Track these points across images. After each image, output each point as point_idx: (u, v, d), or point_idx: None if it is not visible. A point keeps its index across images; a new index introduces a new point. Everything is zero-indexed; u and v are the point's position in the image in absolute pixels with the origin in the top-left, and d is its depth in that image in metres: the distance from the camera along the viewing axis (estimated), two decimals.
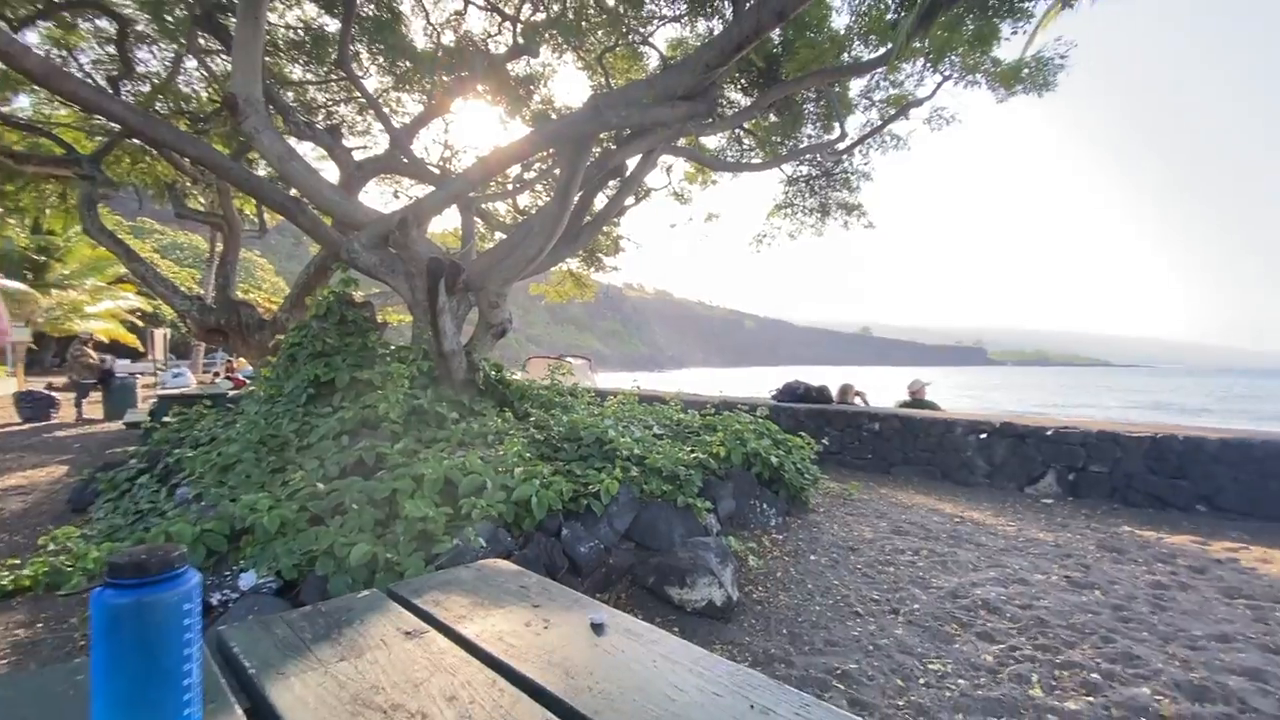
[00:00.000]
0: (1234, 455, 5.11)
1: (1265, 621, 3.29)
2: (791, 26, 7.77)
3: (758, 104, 7.13)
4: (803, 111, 9.78)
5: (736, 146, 11.38)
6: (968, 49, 6.97)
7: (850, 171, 10.83)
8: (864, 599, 3.44)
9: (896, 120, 8.97)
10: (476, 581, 1.39)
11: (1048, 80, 7.57)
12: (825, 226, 12.09)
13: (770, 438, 5.08)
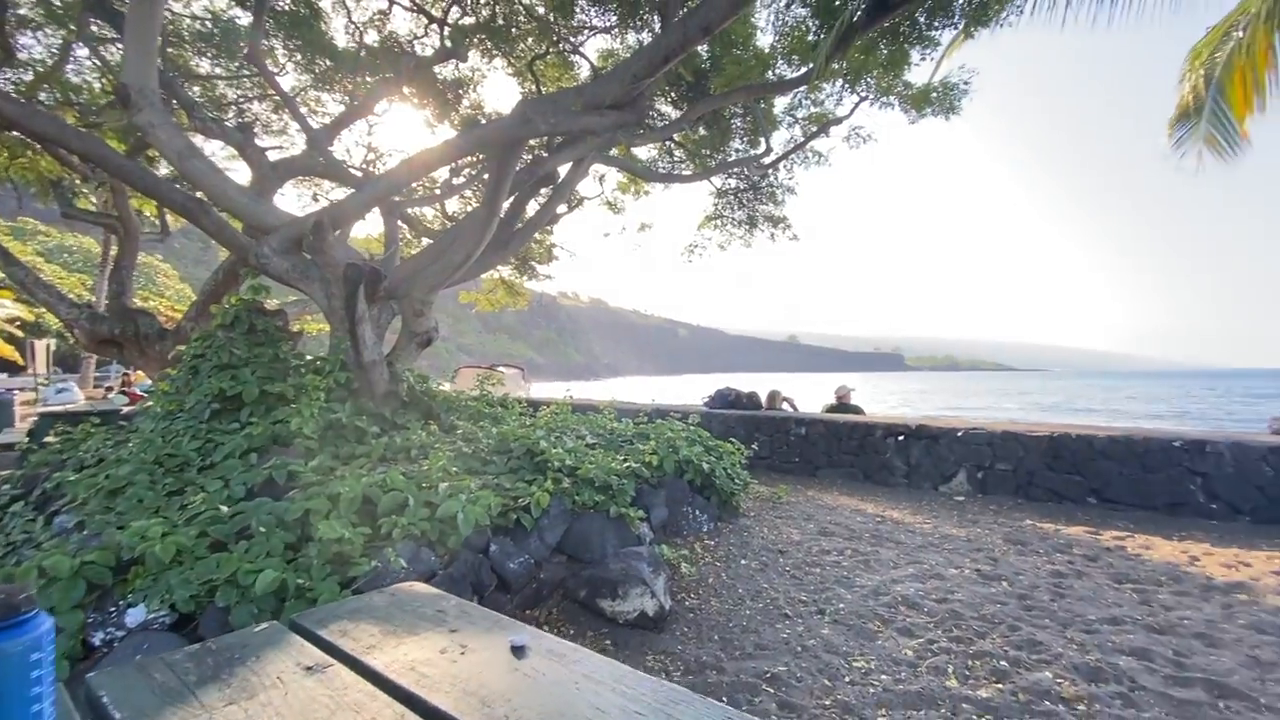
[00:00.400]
0: (1119, 451, 5.60)
1: (1149, 604, 3.59)
2: (719, 43, 7.98)
3: (686, 117, 7.26)
4: (731, 126, 10.05)
5: (668, 158, 11.53)
6: (882, 72, 7.37)
7: (775, 185, 11.21)
8: (792, 601, 3.51)
9: (818, 137, 9.36)
10: (390, 608, 1.31)
11: (954, 104, 8.13)
12: (753, 238, 12.45)
13: (702, 444, 5.14)
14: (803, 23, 7.39)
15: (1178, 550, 4.49)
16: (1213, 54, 7.11)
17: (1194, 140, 7.21)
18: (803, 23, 7.39)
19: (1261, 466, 5.09)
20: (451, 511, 3.15)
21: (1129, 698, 2.58)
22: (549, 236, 13.79)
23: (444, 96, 9.62)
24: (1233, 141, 7.12)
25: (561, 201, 6.92)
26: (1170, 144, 7.39)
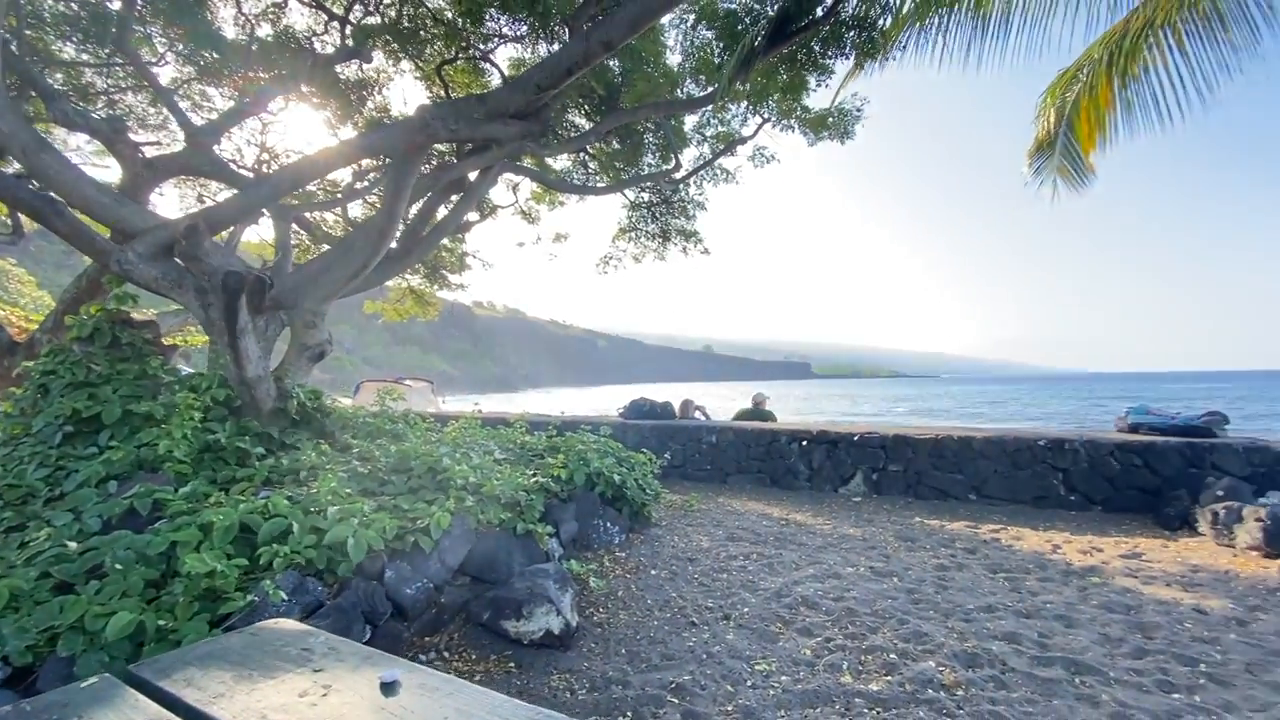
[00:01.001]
0: (994, 450, 6.13)
1: (1019, 590, 3.93)
2: (629, 60, 8.11)
3: (596, 129, 7.30)
4: (643, 141, 10.21)
5: (582, 170, 11.54)
6: (782, 96, 7.75)
7: (687, 200, 11.48)
8: (700, 608, 3.56)
9: (725, 155, 9.69)
10: (247, 649, 1.20)
11: (848, 129, 8.67)
12: (667, 251, 12.67)
13: (614, 456, 5.14)
14: (709, 45, 7.64)
15: (1043, 540, 4.95)
16: (1064, 93, 8.00)
17: (1049, 171, 8.07)
18: (709, 45, 7.64)
19: (1110, 461, 5.73)
20: (341, 537, 2.96)
21: (1001, 680, 2.80)
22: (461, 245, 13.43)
23: (346, 97, 9.15)
24: (1081, 173, 8.03)
25: (468, 210, 6.74)
26: (1029, 173, 8.25)
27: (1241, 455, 5.30)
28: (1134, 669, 2.89)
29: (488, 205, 12.53)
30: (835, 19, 6.07)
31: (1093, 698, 2.64)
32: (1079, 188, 8.10)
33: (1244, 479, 5.11)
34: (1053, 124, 8.04)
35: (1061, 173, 8.09)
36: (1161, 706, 2.57)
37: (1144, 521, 5.36)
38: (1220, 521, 4.60)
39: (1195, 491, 5.13)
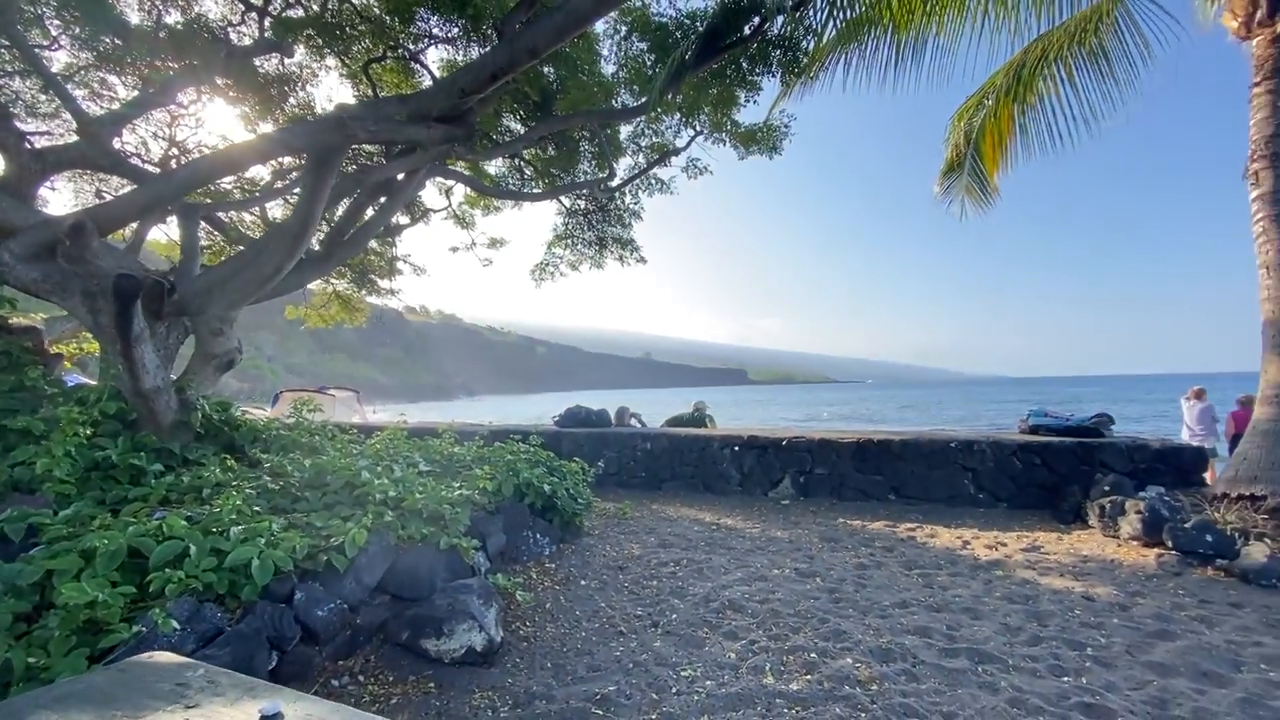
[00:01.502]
0: (910, 452, 6.45)
1: (931, 586, 4.14)
2: (564, 67, 8.10)
3: (529, 135, 7.25)
4: (579, 149, 10.20)
5: (518, 176, 11.41)
6: (713, 110, 7.93)
7: (623, 209, 11.55)
8: (628, 617, 3.56)
9: (659, 166, 9.81)
10: (113, 687, 1.10)
11: (777, 145, 8.95)
12: (604, 259, 12.68)
13: (545, 466, 5.07)
14: (642, 56, 7.73)
15: (955, 536, 5.25)
16: (971, 118, 8.59)
17: (958, 190, 8.64)
18: (642, 56, 7.73)
19: (1014, 461, 6.14)
20: (245, 558, 2.78)
21: (912, 673, 2.94)
22: (391, 249, 12.99)
23: (266, 92, 8.67)
24: (986, 193, 8.63)
25: (394, 213, 6.53)
26: (940, 192, 8.79)
27: (1125, 453, 5.80)
28: (1030, 655, 3.10)
29: (419, 209, 12.19)
30: (762, 38, 6.27)
31: (993, 685, 2.81)
32: (984, 206, 8.70)
33: (1127, 475, 5.59)
34: (961, 146, 8.60)
35: (969, 192, 8.67)
36: (1052, 690, 2.76)
37: (1043, 516, 5.77)
38: (1107, 515, 5.01)
39: (1086, 487, 5.57)
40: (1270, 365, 5.21)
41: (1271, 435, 5.09)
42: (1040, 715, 2.57)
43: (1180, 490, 5.36)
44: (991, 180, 8.57)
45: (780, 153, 9.05)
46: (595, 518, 5.70)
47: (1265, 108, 5.66)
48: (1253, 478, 4.97)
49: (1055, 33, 7.58)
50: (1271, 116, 5.61)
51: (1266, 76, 5.70)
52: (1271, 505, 4.72)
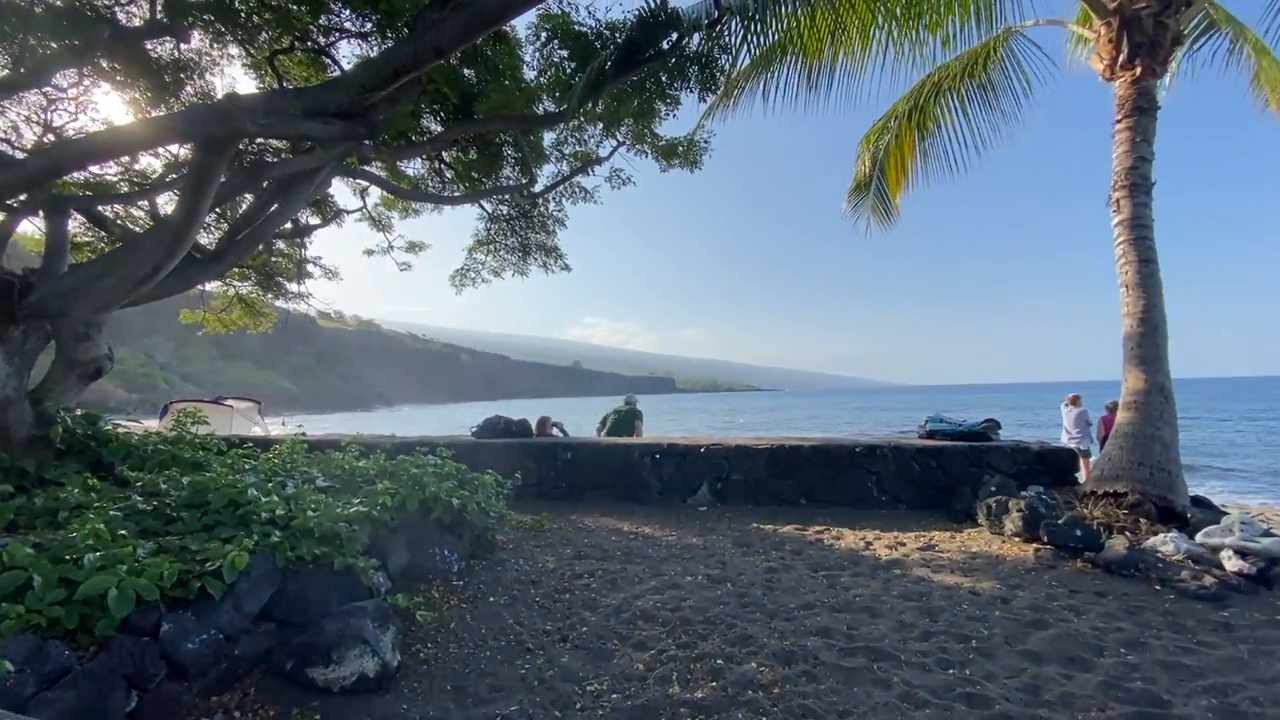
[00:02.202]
0: (820, 457, 6.71)
1: (835, 586, 4.29)
2: (486, 70, 7.94)
3: (443, 136, 7.05)
4: (502, 153, 10.03)
5: (438, 179, 11.08)
6: (634, 122, 8.01)
7: (547, 216, 11.45)
8: (537, 633, 3.47)
9: (582, 174, 9.80)
10: None
11: (697, 159, 9.15)
12: (528, 266, 12.51)
13: (456, 479, 4.89)
14: (563, 64, 7.70)
15: (858, 538, 5.48)
16: (877, 141, 9.11)
17: (864, 209, 9.13)
18: (563, 64, 7.70)
19: (912, 465, 6.51)
20: (100, 588, 2.49)
21: (812, 674, 3.01)
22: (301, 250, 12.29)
23: (160, 78, 7.98)
24: (889, 212, 9.16)
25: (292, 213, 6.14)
26: (849, 209, 9.26)
27: (1009, 455, 6.28)
28: (921, 650, 3.26)
29: (330, 209, 11.60)
30: (680, 54, 6.39)
31: (886, 681, 2.93)
32: (887, 224, 9.22)
33: (1011, 476, 6.05)
34: (868, 168, 9.10)
35: (874, 211, 9.18)
36: (939, 682, 2.92)
37: (939, 516, 6.13)
38: (993, 513, 5.40)
39: (976, 488, 5.98)
40: (1129, 374, 5.80)
41: (1131, 437, 5.65)
42: (927, 708, 2.70)
43: (1057, 489, 5.85)
44: (894, 200, 9.12)
45: (700, 167, 9.25)
46: (510, 531, 5.55)
47: (1125, 143, 6.31)
48: (1115, 476, 5.50)
49: (951, 65, 8.18)
50: (1131, 150, 6.26)
51: (1127, 114, 6.35)
52: (1131, 501, 5.23)
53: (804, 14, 6.40)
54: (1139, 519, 5.02)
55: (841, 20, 6.72)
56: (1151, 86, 6.35)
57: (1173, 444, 5.58)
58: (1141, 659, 3.20)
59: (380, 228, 12.56)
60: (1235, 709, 2.73)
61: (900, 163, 8.95)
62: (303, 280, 12.79)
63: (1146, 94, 6.30)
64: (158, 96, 8.23)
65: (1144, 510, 5.10)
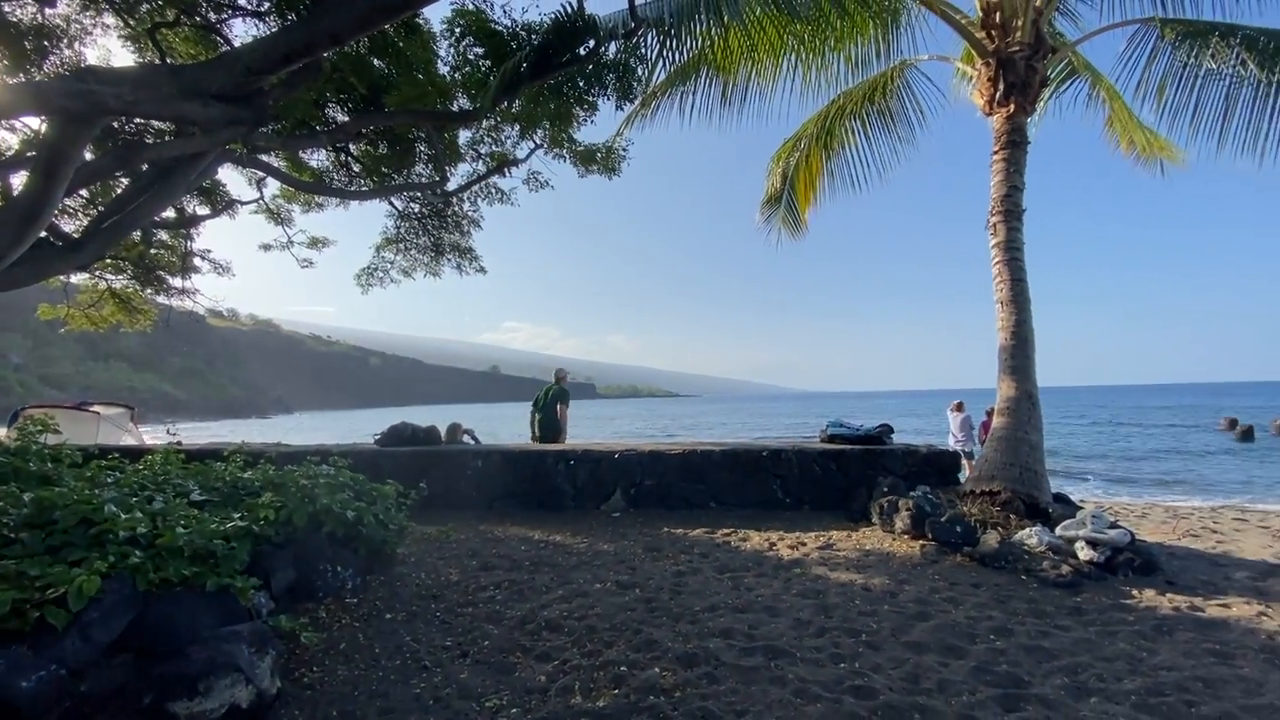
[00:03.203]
0: (729, 462, 6.89)
1: (739, 588, 4.40)
2: (397, 62, 7.64)
3: (348, 127, 6.71)
4: (414, 149, 9.68)
5: (344, 172, 10.52)
6: (552, 125, 7.95)
7: (461, 216, 11.14)
8: (435, 649, 3.33)
9: (498, 175, 9.63)
10: None
11: (615, 166, 9.21)
12: (440, 267, 12.11)
13: (352, 489, 4.62)
14: (479, 61, 7.54)
15: (764, 539, 5.66)
16: (788, 158, 9.52)
17: (776, 221, 9.53)
18: (479, 61, 7.54)
19: (814, 467, 6.82)
20: None
21: (713, 675, 3.07)
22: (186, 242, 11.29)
23: (19, 45, 7.08)
24: (798, 225, 9.60)
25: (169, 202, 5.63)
26: (761, 221, 9.62)
27: (900, 458, 6.72)
28: (816, 647, 3.40)
29: (221, 199, 10.77)
30: (597, 61, 6.41)
31: (782, 678, 3.03)
32: (796, 236, 9.66)
33: (902, 477, 6.47)
34: (779, 183, 9.50)
35: (785, 223, 9.58)
36: (830, 677, 3.05)
37: (838, 516, 6.45)
38: (885, 513, 5.75)
39: (871, 489, 6.35)
40: (1003, 383, 6.37)
41: (1004, 441, 6.19)
42: (819, 702, 2.82)
43: (942, 489, 6.31)
44: (803, 215, 9.57)
45: (619, 174, 9.32)
46: (413, 544, 5.31)
47: (1001, 172, 6.94)
48: (991, 476, 6.01)
49: (854, 91, 8.68)
50: (1005, 180, 6.88)
51: (1003, 146, 6.99)
52: (1003, 499, 5.73)
53: (718, 33, 6.61)
54: (1010, 515, 5.52)
55: (753, 41, 7.00)
56: (1024, 123, 7.03)
57: (1039, 446, 6.17)
58: (1008, 644, 3.49)
59: (279, 221, 11.80)
60: (1084, 685, 3.03)
61: (809, 180, 9.41)
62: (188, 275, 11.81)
63: (1019, 129, 6.95)
64: (16, 65, 7.33)
65: (1014, 507, 5.60)
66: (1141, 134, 8.76)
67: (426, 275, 12.14)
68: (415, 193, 10.24)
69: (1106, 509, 9.22)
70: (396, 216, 11.32)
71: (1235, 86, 6.28)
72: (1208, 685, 3.05)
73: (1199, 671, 3.20)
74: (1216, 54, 6.28)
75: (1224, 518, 9.14)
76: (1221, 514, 9.67)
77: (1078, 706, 2.82)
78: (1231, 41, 6.17)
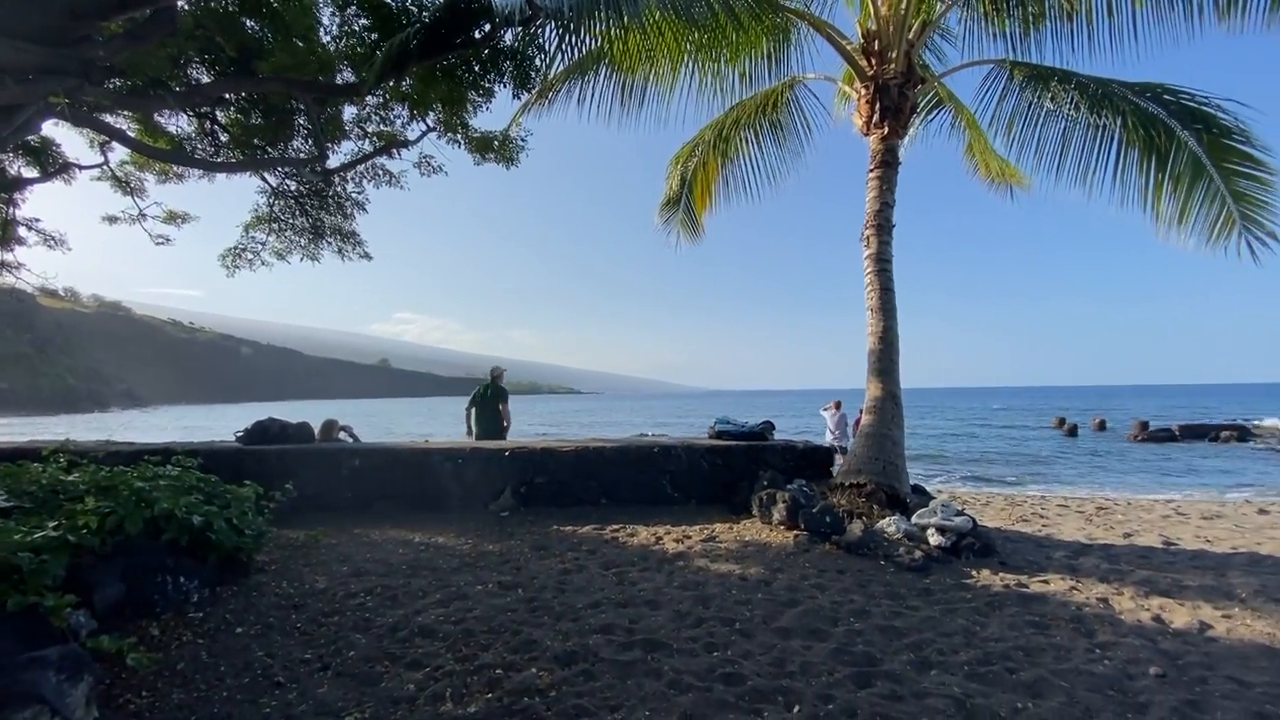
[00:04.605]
0: (621, 458, 6.96)
1: (623, 583, 4.44)
2: (274, 25, 7.02)
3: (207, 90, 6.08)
4: (292, 121, 8.93)
5: (209, 141, 9.50)
6: (445, 109, 7.62)
7: (344, 197, 10.41)
8: (292, 663, 3.08)
9: (384, 156, 9.11)
10: None
11: (513, 156, 8.98)
12: (319, 251, 11.25)
13: (202, 492, 4.18)
14: (365, 34, 7.08)
15: (651, 534, 5.76)
16: (686, 162, 9.74)
17: (674, 224, 9.73)
18: (365, 34, 7.08)
19: (702, 463, 7.04)
20: None
21: (590, 672, 3.07)
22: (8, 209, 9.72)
23: None
24: (696, 229, 9.85)
25: None
26: (660, 223, 9.79)
27: (780, 453, 7.10)
28: (692, 637, 3.50)
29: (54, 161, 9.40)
30: (493, 46, 6.22)
31: (658, 671, 3.09)
32: (694, 239, 9.91)
33: (781, 471, 6.83)
34: (677, 186, 9.70)
35: (683, 226, 9.80)
36: (704, 666, 3.15)
37: (723, 510, 6.70)
38: (764, 505, 6.04)
39: (753, 483, 6.65)
40: (870, 384, 6.90)
41: (871, 437, 6.71)
42: (690, 691, 2.90)
43: (817, 482, 6.73)
44: (700, 219, 9.84)
45: (516, 164, 9.10)
46: (275, 550, 4.90)
47: (875, 189, 7.49)
48: (858, 470, 6.49)
49: (749, 102, 9.01)
50: (878, 196, 7.44)
51: (877, 165, 7.54)
52: (868, 490, 6.21)
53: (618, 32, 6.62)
54: (874, 505, 5.99)
55: (653, 44, 7.08)
56: (896, 145, 7.63)
57: (900, 442, 6.75)
58: (865, 625, 3.78)
59: (129, 191, 10.47)
60: (926, 659, 3.34)
61: (706, 185, 9.68)
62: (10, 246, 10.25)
63: (892, 151, 7.55)
64: None
65: (877, 498, 6.08)
66: (996, 162, 9.79)
67: (304, 259, 11.22)
68: (292, 169, 9.45)
69: (956, 499, 10.27)
70: (270, 194, 10.41)
71: (1070, 126, 7.15)
72: (1027, 654, 3.47)
73: (1020, 641, 3.63)
74: (1055, 96, 7.14)
75: (1050, 504, 10.48)
76: (1047, 500, 11.08)
77: (920, 679, 3.11)
78: (1068, 87, 7.03)
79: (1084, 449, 25.05)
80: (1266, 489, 13.82)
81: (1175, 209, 6.62)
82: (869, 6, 7.53)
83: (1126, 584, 4.81)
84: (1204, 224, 6.55)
